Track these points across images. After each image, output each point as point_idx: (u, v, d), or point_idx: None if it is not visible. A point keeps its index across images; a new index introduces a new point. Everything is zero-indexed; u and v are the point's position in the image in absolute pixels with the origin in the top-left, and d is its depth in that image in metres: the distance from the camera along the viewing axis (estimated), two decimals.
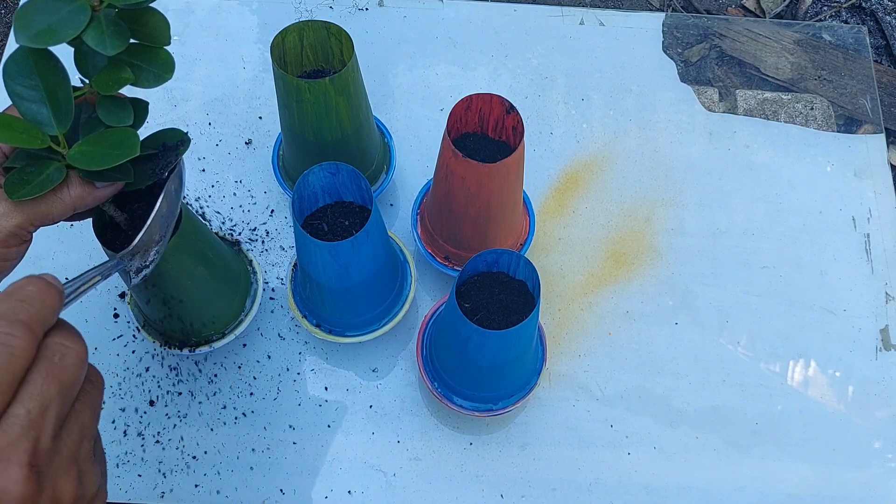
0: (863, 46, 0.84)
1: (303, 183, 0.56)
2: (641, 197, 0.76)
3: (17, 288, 0.36)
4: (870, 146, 0.79)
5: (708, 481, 0.65)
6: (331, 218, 0.59)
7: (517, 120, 0.57)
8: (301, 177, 0.55)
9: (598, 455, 0.65)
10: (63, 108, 0.41)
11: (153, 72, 0.42)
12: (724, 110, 0.80)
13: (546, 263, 0.72)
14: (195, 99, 0.78)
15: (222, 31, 0.82)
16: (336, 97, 0.58)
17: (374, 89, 0.79)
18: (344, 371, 0.67)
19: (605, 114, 0.80)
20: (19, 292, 0.35)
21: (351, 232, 0.59)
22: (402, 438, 0.65)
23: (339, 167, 0.56)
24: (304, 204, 0.58)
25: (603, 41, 0.83)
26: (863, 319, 0.71)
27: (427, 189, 0.68)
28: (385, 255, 0.59)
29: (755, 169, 0.77)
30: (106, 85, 0.42)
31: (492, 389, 0.60)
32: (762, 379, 0.69)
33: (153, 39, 0.42)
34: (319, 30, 0.61)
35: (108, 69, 0.42)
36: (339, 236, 0.59)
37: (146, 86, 0.43)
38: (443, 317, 0.58)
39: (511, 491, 0.64)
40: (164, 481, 0.63)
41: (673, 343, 0.70)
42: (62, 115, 0.41)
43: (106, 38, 0.39)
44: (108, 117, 0.42)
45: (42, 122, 0.40)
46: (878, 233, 0.75)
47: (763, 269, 0.73)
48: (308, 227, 0.59)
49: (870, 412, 0.68)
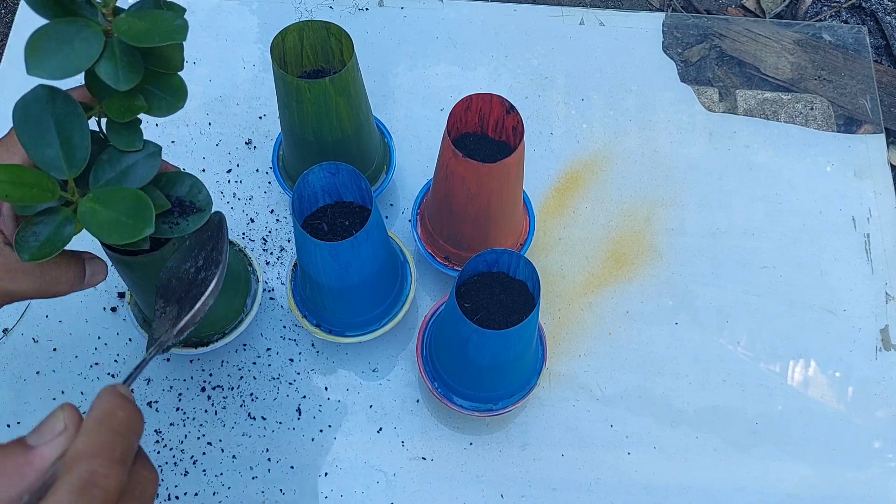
0: (863, 46, 0.84)
1: (303, 183, 0.56)
2: (641, 197, 0.76)
3: (108, 414, 0.34)
4: (870, 146, 0.79)
5: (708, 481, 0.65)
6: (331, 218, 0.59)
7: (517, 120, 0.57)
8: (301, 177, 0.55)
9: (598, 455, 0.65)
10: (77, 152, 0.39)
11: (166, 99, 0.42)
12: (724, 110, 0.80)
13: (546, 263, 0.72)
14: (195, 99, 0.78)
15: (222, 31, 0.82)
16: (336, 97, 0.58)
17: (374, 89, 0.79)
18: (344, 371, 0.67)
19: (605, 114, 0.80)
20: (111, 420, 0.34)
21: (351, 232, 0.59)
22: (403, 438, 0.65)
23: (339, 167, 0.56)
24: (304, 204, 0.58)
25: (603, 41, 0.83)
26: (863, 319, 0.71)
27: (427, 189, 0.68)
28: (385, 255, 0.59)
29: (755, 169, 0.77)
30: (118, 112, 0.41)
31: (492, 389, 0.60)
32: (762, 379, 0.69)
33: (167, 66, 0.41)
34: (319, 30, 0.61)
35: (120, 96, 0.41)
36: (339, 236, 0.59)
37: (159, 114, 0.42)
38: (443, 317, 0.58)
39: (511, 491, 0.64)
40: (163, 482, 0.63)
41: (673, 343, 0.70)
42: (75, 160, 0.39)
43: (119, 72, 0.38)
44: (119, 141, 0.42)
45: (52, 164, 0.39)
46: (878, 233, 0.75)
47: (763, 269, 0.73)
48: (308, 227, 0.59)
49: (870, 412, 0.68)
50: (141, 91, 0.41)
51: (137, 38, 0.37)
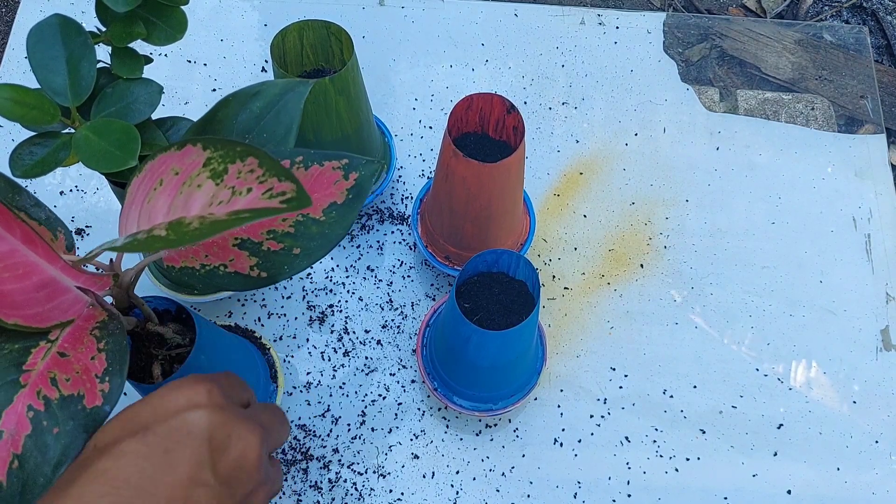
0: (864, 46, 0.84)
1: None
2: (641, 197, 0.76)
3: (283, 417, 0.44)
4: (870, 146, 0.79)
5: (708, 481, 0.65)
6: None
7: (518, 120, 0.57)
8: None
9: (598, 455, 0.65)
10: (83, 80, 0.41)
11: (166, 30, 0.44)
12: (724, 110, 0.80)
13: (546, 263, 0.72)
14: (195, 99, 0.78)
15: (222, 31, 0.82)
16: (336, 97, 0.58)
17: (375, 89, 0.79)
18: (343, 370, 0.67)
19: (606, 114, 0.79)
20: (278, 411, 0.44)
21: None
22: (402, 438, 0.65)
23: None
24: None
25: (604, 41, 0.83)
26: (863, 320, 0.71)
27: (427, 189, 0.68)
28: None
29: (756, 169, 0.77)
30: (119, 37, 0.43)
31: (492, 389, 0.60)
32: (762, 379, 0.69)
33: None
34: (319, 29, 0.60)
35: (122, 22, 0.43)
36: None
37: (157, 43, 0.44)
38: (443, 317, 0.58)
39: (511, 491, 0.64)
40: None
41: (673, 343, 0.70)
42: (80, 88, 0.41)
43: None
44: (121, 68, 0.44)
45: (58, 91, 0.41)
46: (879, 233, 0.75)
47: (763, 269, 0.73)
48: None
49: (870, 412, 0.68)
50: (143, 20, 0.44)
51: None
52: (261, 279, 0.42)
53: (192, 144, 0.36)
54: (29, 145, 0.42)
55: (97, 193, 0.73)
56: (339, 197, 0.43)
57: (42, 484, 0.36)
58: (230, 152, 0.35)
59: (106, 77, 0.44)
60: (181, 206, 0.35)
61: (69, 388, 0.38)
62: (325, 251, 0.42)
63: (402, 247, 0.72)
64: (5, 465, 0.36)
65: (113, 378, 0.39)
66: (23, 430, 0.37)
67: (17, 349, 0.39)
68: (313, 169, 0.43)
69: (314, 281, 0.70)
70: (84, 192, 0.73)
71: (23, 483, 0.36)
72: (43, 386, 0.38)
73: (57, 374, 0.38)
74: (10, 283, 0.37)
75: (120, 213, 0.38)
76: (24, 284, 0.38)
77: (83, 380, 0.38)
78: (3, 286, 0.37)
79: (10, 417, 0.37)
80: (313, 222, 0.43)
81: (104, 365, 0.39)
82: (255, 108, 0.44)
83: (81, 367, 0.39)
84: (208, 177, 0.35)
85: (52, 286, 0.39)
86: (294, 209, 0.33)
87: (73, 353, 0.39)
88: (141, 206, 0.37)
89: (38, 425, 0.37)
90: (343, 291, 0.70)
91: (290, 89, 0.45)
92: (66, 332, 0.40)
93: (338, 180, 0.43)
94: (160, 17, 0.44)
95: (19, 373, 0.38)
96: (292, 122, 0.44)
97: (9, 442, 0.36)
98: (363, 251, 0.72)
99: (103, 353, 0.39)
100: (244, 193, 0.34)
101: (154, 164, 0.37)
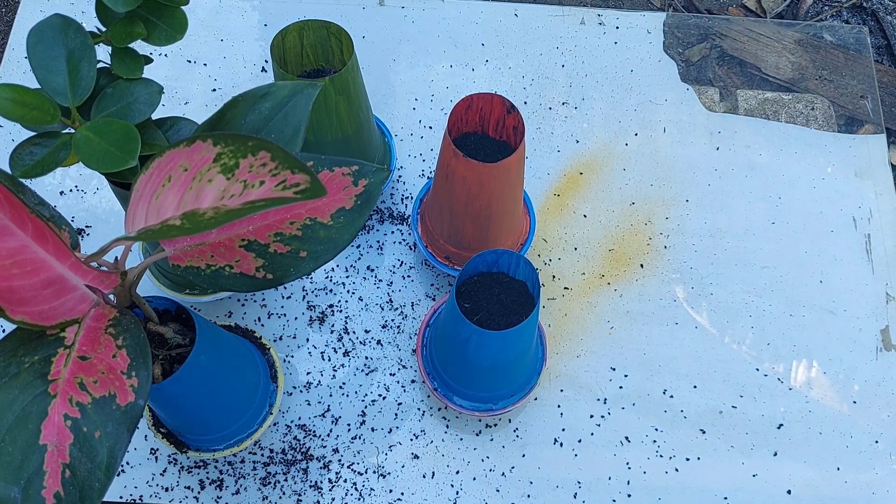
0: (864, 46, 0.84)
1: None
2: (641, 197, 0.76)
3: None
4: (870, 146, 0.79)
5: (708, 481, 0.65)
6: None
7: (518, 120, 0.57)
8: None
9: (598, 455, 0.65)
10: (83, 80, 0.42)
11: (166, 30, 0.44)
12: (724, 110, 0.80)
13: (546, 263, 0.72)
14: (195, 99, 0.78)
15: (222, 31, 0.82)
16: (336, 97, 0.58)
17: (375, 89, 0.79)
18: (343, 370, 0.68)
19: (606, 113, 0.79)
20: None
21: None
22: (402, 438, 0.65)
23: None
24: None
25: (604, 41, 0.83)
26: (863, 319, 0.71)
27: (427, 189, 0.68)
28: None
29: (756, 169, 0.77)
30: (119, 37, 0.43)
31: (492, 389, 0.60)
32: (762, 379, 0.69)
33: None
34: (319, 29, 0.60)
35: (123, 22, 0.43)
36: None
37: (157, 43, 0.44)
38: (443, 317, 0.58)
39: (511, 491, 0.64)
40: (160, 481, 0.64)
41: (673, 343, 0.70)
42: (80, 88, 0.41)
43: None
44: (121, 68, 0.44)
45: (58, 91, 0.41)
46: (879, 233, 0.75)
47: (763, 269, 0.73)
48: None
49: (870, 412, 0.68)
50: (143, 20, 0.44)
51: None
52: (266, 281, 0.42)
53: (202, 140, 0.36)
54: (29, 145, 0.42)
55: (97, 193, 0.73)
56: (347, 202, 0.44)
57: (98, 488, 0.36)
58: (241, 147, 0.35)
59: (106, 77, 0.44)
60: (192, 201, 0.35)
61: (99, 389, 0.38)
62: (331, 255, 0.43)
63: (402, 247, 0.72)
64: (58, 476, 0.36)
65: (139, 371, 0.39)
66: (66, 440, 0.37)
67: (38, 361, 0.39)
68: (323, 174, 0.43)
69: (314, 281, 0.70)
70: (84, 193, 0.74)
71: (79, 490, 0.36)
72: (73, 392, 0.38)
73: (84, 378, 0.38)
74: (19, 280, 0.37)
75: (126, 211, 0.38)
76: (33, 281, 0.38)
77: (110, 379, 0.38)
78: (11, 282, 0.37)
79: (49, 430, 0.37)
80: (321, 226, 0.43)
81: (127, 360, 0.39)
82: (263, 108, 0.45)
83: (105, 366, 0.39)
84: (219, 172, 0.35)
85: (59, 283, 0.39)
86: (308, 198, 0.33)
87: (93, 355, 0.39)
88: (149, 202, 0.36)
89: (79, 432, 0.37)
90: (343, 291, 0.70)
91: (298, 91, 0.45)
92: (82, 335, 0.40)
93: (347, 186, 0.44)
94: (160, 17, 0.44)
95: (46, 383, 0.38)
96: (300, 124, 0.44)
97: (55, 453, 0.36)
98: (363, 251, 0.72)
99: (123, 349, 0.39)
100: (257, 186, 0.34)
101: (162, 161, 0.37)
